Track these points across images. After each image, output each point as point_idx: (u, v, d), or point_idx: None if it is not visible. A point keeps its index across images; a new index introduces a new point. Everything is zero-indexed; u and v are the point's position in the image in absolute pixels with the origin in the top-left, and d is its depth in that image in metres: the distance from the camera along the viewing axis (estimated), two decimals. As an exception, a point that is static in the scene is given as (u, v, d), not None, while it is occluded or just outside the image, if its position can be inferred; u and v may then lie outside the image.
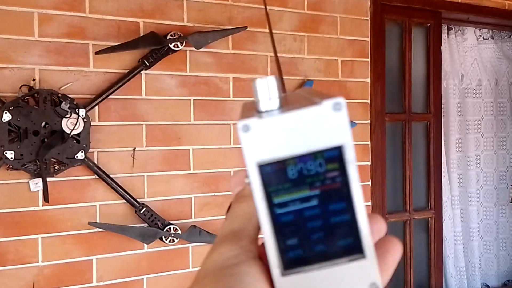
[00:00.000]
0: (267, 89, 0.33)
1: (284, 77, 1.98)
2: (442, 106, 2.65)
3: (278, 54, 1.98)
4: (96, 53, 1.64)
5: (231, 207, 0.36)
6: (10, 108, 1.51)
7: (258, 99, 0.33)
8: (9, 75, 1.56)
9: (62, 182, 1.63)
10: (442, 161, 2.57)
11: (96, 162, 1.67)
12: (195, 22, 1.82)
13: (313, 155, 0.32)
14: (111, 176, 1.68)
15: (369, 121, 2.18)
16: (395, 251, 0.34)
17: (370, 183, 2.18)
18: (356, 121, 2.13)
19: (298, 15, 2.02)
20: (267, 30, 1.94)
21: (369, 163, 2.18)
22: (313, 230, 0.33)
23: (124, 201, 1.69)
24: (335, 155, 0.32)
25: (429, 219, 2.41)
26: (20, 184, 1.57)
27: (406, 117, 2.32)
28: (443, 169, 2.58)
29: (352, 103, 2.14)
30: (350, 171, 0.32)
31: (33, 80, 1.58)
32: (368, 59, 2.18)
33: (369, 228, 0.32)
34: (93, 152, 1.67)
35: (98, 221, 1.67)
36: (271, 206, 0.32)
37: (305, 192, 0.32)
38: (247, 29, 1.84)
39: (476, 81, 2.79)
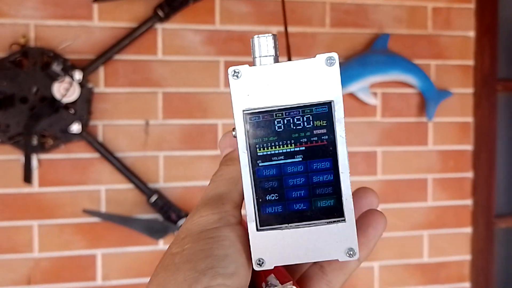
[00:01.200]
0: (265, 47, 0.32)
1: (351, 30, 1.50)
2: None
3: (341, 1, 1.50)
4: (94, 1, 1.33)
5: (218, 169, 0.36)
6: (-6, 70, 1.27)
7: (255, 55, 0.33)
8: (0, 32, 1.32)
9: (61, 160, 1.36)
10: None
11: (101, 137, 1.37)
12: (227, -39, 1.42)
13: (302, 109, 0.32)
14: (119, 154, 1.37)
15: (472, 90, 1.60)
16: (378, 225, 0.34)
17: (471, 174, 1.61)
18: (452, 90, 1.56)
19: None
20: (325, -31, 1.47)
21: (470, 147, 1.60)
22: (294, 188, 0.33)
23: (135, 186, 1.38)
24: (324, 112, 0.32)
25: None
26: (12, 162, 1.33)
27: (529, 85, 1.68)
28: None
29: (447, 66, 1.57)
30: (337, 129, 0.32)
31: (23, 37, 1.32)
32: (472, 5, 1.59)
33: (351, 191, 0.33)
34: (97, 125, 1.38)
35: (103, 209, 1.38)
36: (253, 158, 0.33)
37: (289, 147, 0.32)
38: None
39: None
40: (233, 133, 0.34)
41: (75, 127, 1.31)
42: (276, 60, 0.33)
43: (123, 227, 1.36)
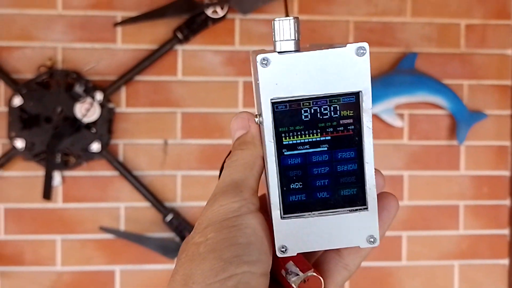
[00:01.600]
0: (287, 31, 0.32)
1: (376, 49, 1.45)
2: None
3: (365, 19, 1.45)
4: (116, 24, 1.37)
5: (232, 154, 0.36)
6: (23, 92, 1.34)
7: (276, 39, 0.32)
8: (30, 54, 1.39)
9: (83, 177, 1.41)
10: None
11: (121, 156, 1.41)
12: (248, -18, 1.42)
13: (329, 99, 0.32)
14: (138, 173, 1.40)
15: (509, 112, 1.49)
16: (391, 208, 0.35)
17: (508, 202, 1.49)
18: (487, 112, 1.46)
19: (397, -37, 1.45)
20: None
21: (507, 173, 1.49)
22: (318, 176, 0.33)
23: (152, 204, 1.40)
24: (351, 102, 0.32)
25: None
26: (39, 178, 1.39)
27: None
28: None
29: (482, 86, 1.48)
30: (364, 120, 0.32)
31: (50, 59, 1.38)
32: (510, 21, 1.48)
33: (375, 181, 0.33)
34: (118, 144, 1.41)
35: (122, 226, 1.41)
36: (279, 146, 0.33)
37: (315, 137, 0.33)
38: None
39: None
40: (256, 119, 0.34)
41: (95, 146, 1.35)
42: (297, 45, 0.32)
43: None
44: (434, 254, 1.48)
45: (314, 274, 0.33)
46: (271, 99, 0.32)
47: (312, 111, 0.32)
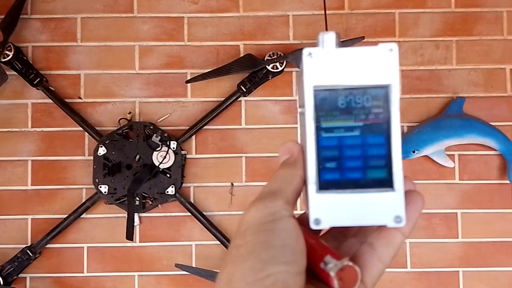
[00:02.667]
0: (329, 43, 0.36)
1: (424, 95, 1.55)
2: None
3: (413, 67, 1.56)
4: (187, 82, 1.54)
5: (275, 172, 0.39)
6: (106, 142, 1.51)
7: (319, 41, 0.37)
8: (111, 109, 1.57)
9: (158, 218, 1.55)
10: None
11: (192, 198, 1.55)
12: (303, 38, 1.57)
13: (363, 90, 0.36)
14: (207, 213, 1.53)
15: (559, 150, 1.54)
16: (417, 201, 0.37)
17: None
18: (536, 151, 1.53)
19: (441, 16, 1.57)
20: (397, 39, 1.56)
21: (561, 210, 1.53)
22: (351, 158, 0.36)
23: (220, 242, 1.52)
24: (381, 94, 0.36)
25: None
26: (119, 219, 1.55)
27: None
28: None
29: (530, 128, 1.55)
30: (393, 110, 0.36)
31: (129, 113, 1.56)
32: (555, 64, 1.56)
33: (401, 164, 0.36)
34: (189, 187, 1.56)
35: (193, 262, 1.54)
36: (318, 129, 0.36)
37: (350, 122, 0.36)
38: (366, 39, 1.50)
39: None
40: (299, 110, 0.39)
41: (170, 189, 1.50)
42: (337, 43, 0.37)
43: (211, 281, 1.50)
44: (491, 290, 1.52)
45: (350, 263, 0.34)
46: (314, 86, 0.36)
47: (348, 99, 0.36)
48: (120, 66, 1.58)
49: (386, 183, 0.36)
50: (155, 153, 1.50)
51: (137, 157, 1.51)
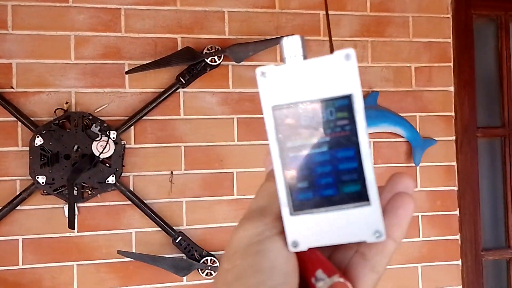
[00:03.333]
0: (294, 47, 0.34)
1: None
2: None
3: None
4: (127, 72, 1.57)
5: (262, 185, 0.37)
6: (43, 132, 1.49)
7: (284, 56, 0.35)
8: (46, 99, 1.55)
9: (97, 207, 1.57)
10: None
11: (131, 187, 1.59)
12: (238, 34, 1.67)
13: (324, 103, 0.34)
14: (147, 201, 1.58)
15: (453, 137, 1.81)
16: (407, 206, 0.35)
17: (457, 212, 1.81)
18: (436, 138, 1.78)
19: (359, 18, 1.76)
20: (321, 38, 1.72)
21: (455, 188, 1.81)
22: (322, 175, 0.34)
23: (161, 229, 1.57)
24: (344, 104, 0.34)
25: (543, 258, 1.93)
26: (56, 209, 1.54)
27: (505, 132, 1.90)
28: None
29: (431, 117, 1.80)
30: (358, 120, 0.33)
31: (66, 103, 1.55)
32: (451, 64, 1.83)
33: (374, 176, 0.34)
34: (128, 176, 1.59)
35: (133, 250, 1.58)
36: (283, 149, 0.34)
37: (316, 138, 0.34)
38: (295, 37, 1.64)
39: None
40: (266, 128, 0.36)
41: (111, 179, 1.52)
42: (305, 59, 0.35)
43: (152, 266, 1.55)
44: (402, 259, 1.75)
45: (341, 279, 0.33)
46: (272, 106, 0.34)
47: (310, 115, 0.34)
48: (54, 56, 1.56)
49: (361, 196, 0.34)
50: (94, 143, 1.51)
51: (76, 147, 1.51)
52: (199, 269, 1.56)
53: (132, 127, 1.60)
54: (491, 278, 1.91)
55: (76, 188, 1.51)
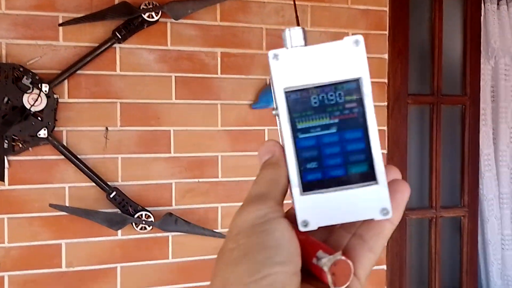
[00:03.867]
0: (296, 38, 0.36)
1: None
2: (491, 89, 2.28)
3: (275, 27, 1.76)
4: (60, 24, 1.54)
5: (259, 173, 0.37)
6: (-30, 83, 1.45)
7: (286, 47, 0.36)
8: (-26, 48, 1.50)
9: (29, 161, 1.55)
10: (490, 153, 2.22)
11: (65, 142, 1.57)
12: (177, -9, 1.66)
13: (334, 86, 0.35)
14: (81, 157, 1.58)
15: (385, 103, 1.90)
16: (404, 190, 0.37)
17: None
18: (369, 103, 1.85)
19: (299, -18, 1.78)
20: (262, -1, 1.74)
21: (384, 151, 1.90)
22: (331, 156, 0.35)
23: (95, 184, 1.58)
24: (353, 88, 0.35)
25: (462, 218, 2.08)
26: (-15, 162, 1.51)
27: (434, 100, 2.00)
28: (490, 162, 2.22)
29: (365, 82, 1.86)
30: (366, 103, 0.35)
31: (-4, 54, 1.51)
32: (386, 32, 1.89)
33: (382, 156, 0.35)
34: (61, 130, 1.58)
35: (67, 204, 1.58)
36: (294, 131, 0.36)
37: (325, 120, 0.35)
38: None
39: (535, 60, 2.37)
40: (273, 112, 0.37)
41: (42, 132, 1.51)
42: (304, 41, 0.36)
43: (86, 220, 1.56)
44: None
45: (343, 257, 0.34)
46: (284, 89, 0.35)
47: (320, 97, 0.35)
48: (-17, 4, 1.50)
49: (369, 176, 0.35)
50: (25, 95, 1.49)
51: (6, 99, 1.48)
52: (134, 224, 1.59)
53: (66, 81, 1.57)
54: (414, 235, 2.04)
55: (6, 141, 1.49)
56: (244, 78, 1.73)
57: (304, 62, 0.36)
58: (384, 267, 1.91)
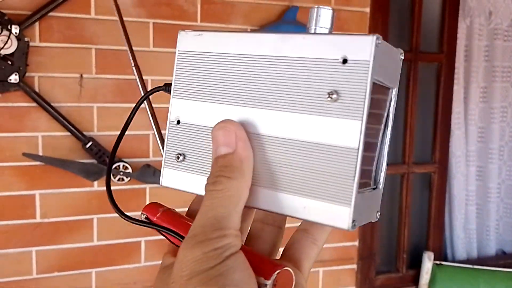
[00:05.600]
0: (324, 19, 0.33)
1: (266, 1, 1.71)
2: (465, 48, 2.30)
3: (258, -26, 1.70)
4: (31, -39, 1.43)
5: (216, 180, 0.31)
6: None
7: (310, 25, 0.34)
8: None
9: (-1, 108, 1.47)
10: (461, 111, 2.26)
11: (37, 88, 1.50)
12: None
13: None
14: (54, 104, 1.51)
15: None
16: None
17: (362, 129, 1.92)
18: (349, 58, 1.84)
19: None
20: None
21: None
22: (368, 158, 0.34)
23: (70, 133, 1.52)
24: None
25: (432, 174, 2.14)
26: (-49, 108, 1.42)
27: (412, 56, 2.02)
28: (460, 121, 2.27)
29: (346, 36, 1.85)
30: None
31: (-40, -10, 1.39)
32: (369, -15, 1.86)
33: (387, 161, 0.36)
34: (33, 76, 1.49)
35: (40, 154, 1.52)
36: None
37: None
38: None
39: (508, 20, 2.41)
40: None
41: (13, 77, 1.42)
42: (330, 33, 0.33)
43: (61, 170, 1.51)
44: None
45: (285, 268, 0.32)
46: (375, 78, 0.31)
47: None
48: None
49: (376, 180, 0.36)
50: (-6, 37, 1.39)
51: (-28, 40, 1.38)
52: (111, 175, 1.55)
53: (37, 23, 1.48)
54: (386, 191, 2.10)
55: (-27, 86, 1.40)
56: (224, 27, 1.68)
57: (380, 58, 0.32)
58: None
